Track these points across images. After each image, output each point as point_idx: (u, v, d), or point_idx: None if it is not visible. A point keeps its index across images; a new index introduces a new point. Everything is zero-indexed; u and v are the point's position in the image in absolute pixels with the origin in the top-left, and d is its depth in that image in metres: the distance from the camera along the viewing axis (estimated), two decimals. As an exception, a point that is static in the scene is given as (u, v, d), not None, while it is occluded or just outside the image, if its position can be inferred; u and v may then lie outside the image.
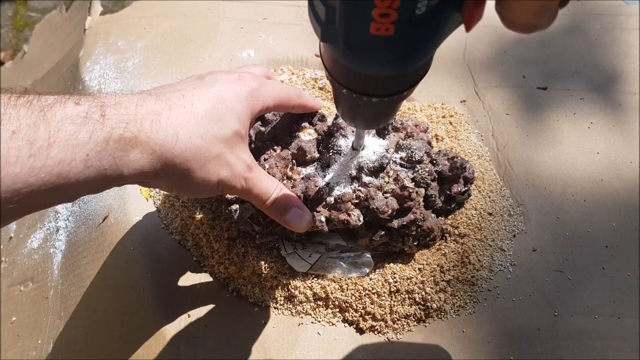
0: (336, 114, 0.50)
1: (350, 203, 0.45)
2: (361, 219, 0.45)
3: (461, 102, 0.63)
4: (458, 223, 0.52)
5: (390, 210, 0.45)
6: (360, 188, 0.46)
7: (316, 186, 0.46)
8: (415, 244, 0.48)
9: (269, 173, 0.47)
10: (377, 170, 0.47)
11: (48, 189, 0.29)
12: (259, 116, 0.44)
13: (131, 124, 0.32)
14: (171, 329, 0.47)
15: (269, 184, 0.41)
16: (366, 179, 0.47)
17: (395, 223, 0.46)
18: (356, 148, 0.47)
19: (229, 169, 0.37)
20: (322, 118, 0.52)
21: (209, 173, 0.36)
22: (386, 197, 0.46)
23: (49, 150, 0.28)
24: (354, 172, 0.47)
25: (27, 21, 0.95)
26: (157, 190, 0.56)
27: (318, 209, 0.46)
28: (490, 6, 0.24)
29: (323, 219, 0.45)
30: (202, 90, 0.38)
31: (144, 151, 0.32)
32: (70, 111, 0.30)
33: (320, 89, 0.63)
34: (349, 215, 0.45)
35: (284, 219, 0.42)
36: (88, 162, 0.30)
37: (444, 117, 0.61)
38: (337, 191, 0.46)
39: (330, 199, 0.46)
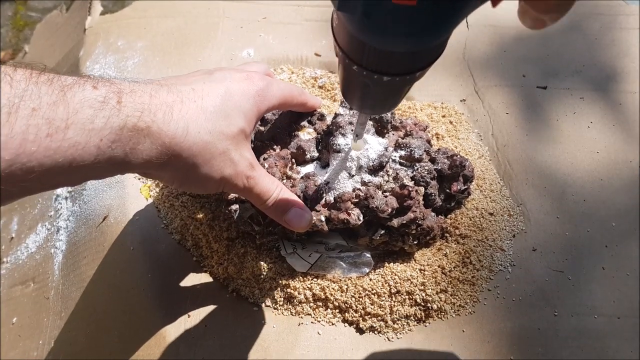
0: (335, 113, 0.50)
1: (350, 202, 0.45)
2: (361, 218, 0.45)
3: (461, 101, 0.63)
4: (459, 223, 0.52)
5: (390, 209, 0.45)
6: (360, 187, 0.46)
7: (316, 185, 0.46)
8: (415, 242, 0.48)
9: (268, 172, 0.47)
10: (377, 169, 0.47)
11: (58, 170, 0.29)
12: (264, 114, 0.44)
13: (145, 113, 0.32)
14: (171, 329, 0.47)
15: (270, 184, 0.41)
16: (366, 177, 0.47)
17: (395, 222, 0.46)
18: (357, 136, 0.45)
19: (233, 167, 0.38)
20: (322, 117, 0.52)
21: (213, 169, 0.36)
22: (386, 196, 0.46)
23: (66, 132, 0.28)
24: (353, 171, 0.47)
25: (27, 21, 0.95)
26: (157, 190, 0.56)
27: (318, 208, 0.46)
28: (490, 5, 0.24)
29: (323, 218, 0.45)
30: (212, 86, 0.38)
31: (155, 142, 0.33)
32: (88, 94, 0.30)
33: (320, 87, 0.63)
34: (349, 214, 0.45)
35: (284, 219, 0.42)
36: (101, 148, 0.30)
37: (444, 116, 0.61)
38: (337, 190, 0.46)
39: (330, 198, 0.46)
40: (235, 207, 0.47)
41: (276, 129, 0.50)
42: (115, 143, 0.31)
